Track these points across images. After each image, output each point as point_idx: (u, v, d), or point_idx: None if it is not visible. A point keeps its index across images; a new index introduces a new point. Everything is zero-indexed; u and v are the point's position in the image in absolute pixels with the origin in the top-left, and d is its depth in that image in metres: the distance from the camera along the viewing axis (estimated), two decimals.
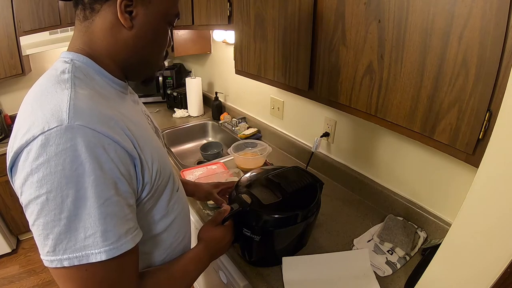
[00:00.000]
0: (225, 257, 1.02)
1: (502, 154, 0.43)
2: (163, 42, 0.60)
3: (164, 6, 0.55)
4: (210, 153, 1.65)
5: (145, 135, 0.55)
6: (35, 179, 0.41)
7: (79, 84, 0.49)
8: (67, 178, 0.41)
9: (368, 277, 0.82)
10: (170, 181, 0.62)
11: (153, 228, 0.61)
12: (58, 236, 0.41)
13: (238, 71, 1.25)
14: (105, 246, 0.43)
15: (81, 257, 0.42)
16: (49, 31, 2.07)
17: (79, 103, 0.44)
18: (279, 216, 0.79)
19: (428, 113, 0.64)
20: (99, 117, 0.45)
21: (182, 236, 0.71)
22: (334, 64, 0.82)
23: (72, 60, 0.52)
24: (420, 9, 0.60)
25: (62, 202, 0.41)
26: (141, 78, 0.64)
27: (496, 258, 0.44)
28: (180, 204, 0.68)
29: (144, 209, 0.57)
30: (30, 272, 2.08)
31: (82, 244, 0.42)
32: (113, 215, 0.44)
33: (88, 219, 0.42)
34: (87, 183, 0.42)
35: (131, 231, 0.48)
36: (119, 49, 0.55)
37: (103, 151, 0.43)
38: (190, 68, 2.54)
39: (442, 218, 0.98)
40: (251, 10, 1.06)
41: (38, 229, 0.42)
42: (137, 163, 0.50)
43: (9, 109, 2.35)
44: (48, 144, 0.41)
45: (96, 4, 0.52)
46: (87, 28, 0.54)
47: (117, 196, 0.45)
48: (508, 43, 0.49)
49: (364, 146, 1.20)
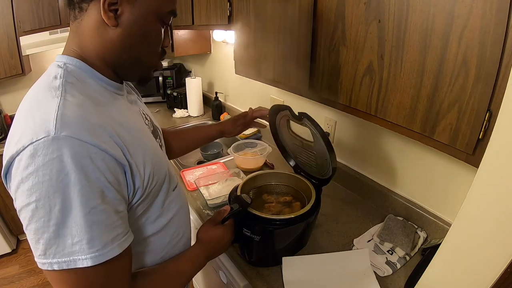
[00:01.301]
0: (225, 257, 1.02)
1: (502, 154, 0.43)
2: (154, 41, 0.57)
3: (154, 3, 0.53)
4: (210, 153, 1.65)
5: (137, 139, 0.55)
6: (26, 188, 0.42)
7: (70, 90, 0.49)
8: (53, 187, 0.42)
9: (368, 277, 0.82)
10: (165, 181, 0.62)
11: (149, 228, 0.62)
12: (48, 242, 0.43)
13: (238, 71, 1.25)
14: (91, 253, 0.44)
15: (69, 262, 0.44)
16: (49, 31, 2.07)
17: (66, 112, 0.45)
18: (279, 217, 0.79)
19: (428, 113, 0.64)
20: (86, 126, 0.45)
21: (181, 234, 0.70)
22: (334, 64, 0.82)
23: (65, 64, 0.53)
24: (420, 9, 0.60)
25: (50, 210, 0.42)
26: (135, 79, 0.63)
27: (496, 258, 0.44)
28: (178, 203, 0.68)
29: (137, 212, 0.57)
30: (30, 272, 2.08)
31: (69, 250, 0.44)
32: (99, 223, 0.45)
33: (74, 227, 0.43)
34: (73, 193, 0.43)
35: (119, 237, 0.48)
36: (107, 50, 0.54)
37: (90, 160, 0.44)
38: (190, 68, 2.54)
39: (442, 218, 0.98)
40: (251, 10, 1.06)
41: (30, 233, 0.44)
42: (127, 169, 0.50)
43: (9, 109, 2.35)
44: (36, 155, 0.42)
45: (83, 3, 0.51)
46: (77, 29, 0.53)
47: (103, 204, 0.46)
48: (508, 43, 0.49)
49: (364, 146, 1.20)
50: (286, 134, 1.01)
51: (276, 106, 0.94)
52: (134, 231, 0.56)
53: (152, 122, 0.72)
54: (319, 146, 0.87)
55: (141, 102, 0.74)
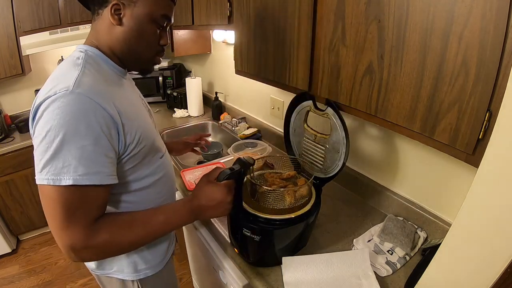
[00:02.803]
0: (225, 257, 1.02)
1: (502, 154, 0.43)
2: (150, 38, 0.72)
3: (148, 9, 0.69)
4: (210, 153, 1.65)
5: (133, 109, 0.72)
6: (43, 121, 0.57)
7: (88, 68, 0.66)
8: (60, 124, 0.56)
9: (368, 277, 0.82)
10: (153, 147, 0.77)
11: (137, 183, 0.75)
12: (46, 162, 0.57)
13: (238, 71, 1.25)
14: (74, 176, 0.57)
15: (55, 180, 0.57)
16: (49, 31, 2.07)
17: (83, 79, 0.61)
18: (279, 217, 0.79)
19: (428, 113, 0.64)
20: (95, 90, 0.61)
21: (165, 194, 0.85)
22: (334, 64, 0.82)
23: (86, 50, 0.70)
24: (420, 9, 0.60)
25: (53, 139, 0.56)
26: (136, 68, 0.79)
27: (496, 258, 0.44)
28: (164, 169, 0.83)
29: (127, 166, 0.71)
30: (30, 272, 2.08)
31: (59, 170, 0.57)
32: (87, 157, 0.58)
33: (67, 155, 0.57)
34: (73, 131, 0.57)
35: (102, 174, 0.61)
36: (114, 43, 0.71)
37: (92, 112, 0.59)
38: (190, 68, 2.54)
39: (442, 218, 0.98)
40: (251, 10, 1.06)
41: (36, 154, 0.59)
42: (119, 128, 0.64)
43: (9, 109, 2.35)
44: (55, 101, 0.57)
45: (100, 10, 0.70)
46: (95, 26, 0.72)
47: (95, 146, 0.59)
48: (508, 43, 0.49)
49: (364, 146, 1.20)
50: (299, 129, 1.02)
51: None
52: (124, 184, 0.72)
53: (147, 106, 0.89)
54: (335, 138, 0.91)
55: (138, 90, 0.90)
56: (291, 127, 1.06)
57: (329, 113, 0.89)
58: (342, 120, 0.86)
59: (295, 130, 1.05)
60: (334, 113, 0.87)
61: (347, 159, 0.88)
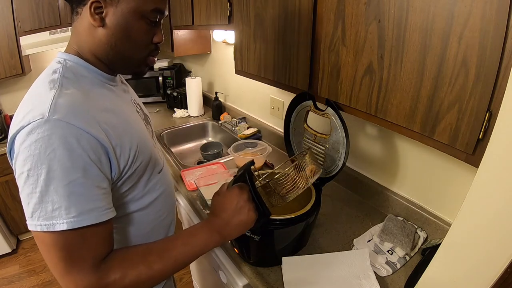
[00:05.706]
0: (225, 257, 1.02)
1: (502, 154, 0.43)
2: (139, 38, 0.62)
3: (135, 4, 0.58)
4: (210, 153, 1.65)
5: (124, 123, 0.63)
6: (21, 159, 0.50)
7: (65, 84, 0.57)
8: (41, 160, 0.49)
9: (368, 277, 0.82)
10: (151, 163, 0.69)
11: (134, 205, 0.68)
12: (34, 206, 0.51)
13: (238, 71, 1.25)
14: (67, 219, 0.51)
15: (49, 225, 0.50)
16: (49, 31, 2.07)
17: (59, 101, 0.53)
18: (279, 217, 0.79)
19: (428, 113, 0.64)
20: (75, 112, 0.53)
21: (165, 214, 0.77)
22: (334, 64, 0.82)
23: (65, 60, 0.61)
24: (420, 9, 0.60)
25: (37, 179, 0.50)
26: (127, 72, 0.69)
27: (496, 258, 0.44)
28: (163, 185, 0.75)
29: (123, 188, 0.64)
30: (30, 272, 2.08)
31: (50, 214, 0.50)
32: (77, 194, 0.52)
33: (55, 195, 0.50)
34: (56, 166, 0.50)
35: (98, 210, 0.54)
36: (97, 47, 0.61)
37: (75, 140, 0.51)
38: (190, 68, 2.55)
39: (442, 218, 0.98)
40: (251, 10, 1.06)
41: (22, 197, 0.52)
42: (110, 153, 0.56)
43: (9, 109, 2.35)
44: (32, 133, 0.50)
45: (78, 8, 0.59)
46: (75, 29, 0.62)
47: (84, 178, 0.52)
48: (508, 43, 0.49)
49: (364, 146, 1.20)
50: (299, 129, 1.02)
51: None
52: (120, 206, 0.64)
53: (143, 110, 0.80)
54: (335, 138, 0.90)
55: (133, 93, 0.82)
56: (291, 127, 1.06)
57: (329, 113, 0.89)
58: (342, 120, 0.86)
59: (295, 130, 1.05)
60: (334, 113, 0.87)
61: (347, 159, 0.88)
